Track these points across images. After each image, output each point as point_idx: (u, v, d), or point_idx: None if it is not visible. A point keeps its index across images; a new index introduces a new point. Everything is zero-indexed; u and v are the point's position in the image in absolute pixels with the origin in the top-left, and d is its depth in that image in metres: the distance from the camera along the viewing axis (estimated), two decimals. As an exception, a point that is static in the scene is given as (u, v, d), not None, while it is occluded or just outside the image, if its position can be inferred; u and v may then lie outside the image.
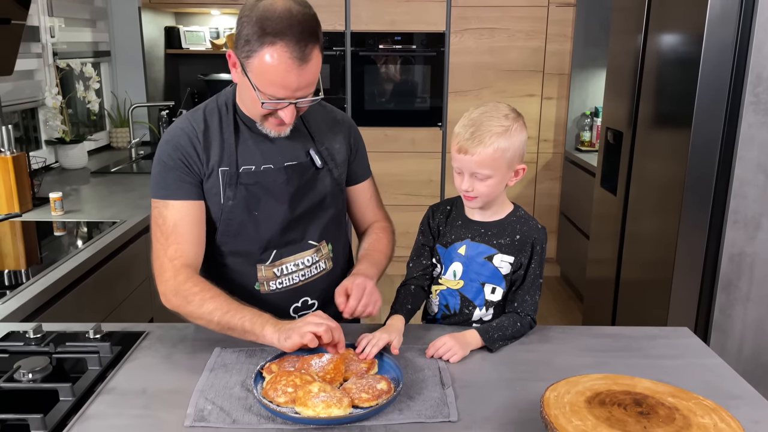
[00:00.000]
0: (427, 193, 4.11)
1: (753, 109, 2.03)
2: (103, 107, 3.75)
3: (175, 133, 1.37)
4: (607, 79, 2.93)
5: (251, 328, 1.23)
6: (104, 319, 2.00)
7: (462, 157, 1.31)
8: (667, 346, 1.36)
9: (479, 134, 1.29)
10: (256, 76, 1.24)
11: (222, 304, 1.26)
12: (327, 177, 1.45)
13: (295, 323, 1.19)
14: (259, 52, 1.21)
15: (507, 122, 1.31)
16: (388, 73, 4.03)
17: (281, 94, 1.24)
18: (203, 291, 1.27)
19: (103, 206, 2.50)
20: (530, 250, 1.38)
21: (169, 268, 1.32)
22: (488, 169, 1.31)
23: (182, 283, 1.29)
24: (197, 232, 1.35)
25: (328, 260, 1.47)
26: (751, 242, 2.13)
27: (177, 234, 1.33)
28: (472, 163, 1.30)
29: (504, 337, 1.33)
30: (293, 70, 1.22)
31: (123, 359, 1.26)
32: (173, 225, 1.33)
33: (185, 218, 1.33)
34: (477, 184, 1.33)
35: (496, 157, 1.29)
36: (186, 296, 1.28)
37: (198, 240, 1.35)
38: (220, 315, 1.25)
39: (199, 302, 1.26)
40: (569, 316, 3.68)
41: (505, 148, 1.30)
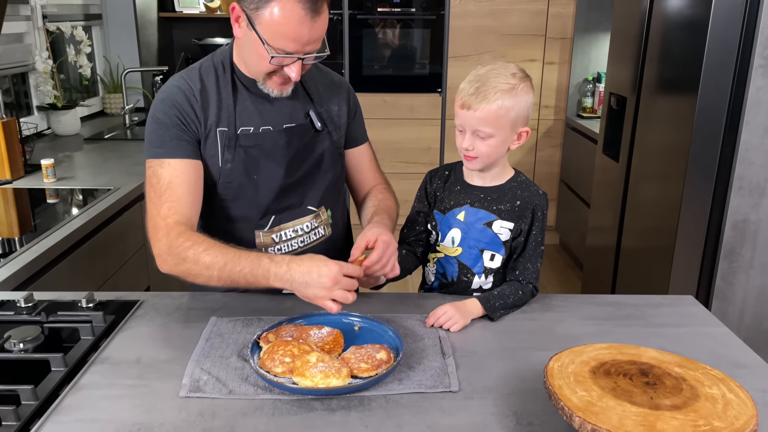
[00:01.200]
0: (426, 160, 4.06)
1: (762, 72, 1.98)
2: (96, 72, 3.67)
3: (171, 91, 1.32)
4: (611, 43, 2.86)
5: (255, 280, 1.19)
6: (99, 288, 1.97)
7: (464, 113, 1.27)
8: (671, 314, 1.33)
9: (484, 90, 1.25)
10: (265, 29, 1.20)
11: (217, 257, 1.20)
12: (326, 139, 1.42)
13: (317, 271, 1.14)
14: (270, 3, 1.17)
15: (514, 80, 1.28)
16: (387, 37, 3.94)
17: (291, 48, 1.21)
18: (196, 245, 1.22)
19: (96, 173, 2.45)
20: (531, 216, 1.35)
21: (162, 227, 1.27)
22: (491, 127, 1.27)
23: (174, 239, 1.24)
24: (193, 191, 1.30)
25: (327, 226, 1.44)
26: (756, 209, 2.10)
27: (171, 192, 1.28)
28: (474, 119, 1.26)
29: (505, 306, 1.31)
30: (306, 22, 1.18)
31: (117, 329, 1.23)
32: (168, 183, 1.28)
33: (181, 176, 1.29)
34: (478, 143, 1.29)
35: (499, 114, 1.26)
36: (179, 253, 1.23)
37: (194, 200, 1.30)
38: (218, 270, 1.20)
39: (194, 258, 1.21)
40: (568, 285, 3.67)
41: (510, 106, 1.26)
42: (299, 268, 1.16)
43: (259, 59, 1.25)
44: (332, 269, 1.14)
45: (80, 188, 2.23)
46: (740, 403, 0.88)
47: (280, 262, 1.18)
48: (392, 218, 1.43)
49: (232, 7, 1.26)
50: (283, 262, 1.17)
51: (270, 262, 1.18)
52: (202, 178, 1.32)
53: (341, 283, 1.14)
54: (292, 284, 1.17)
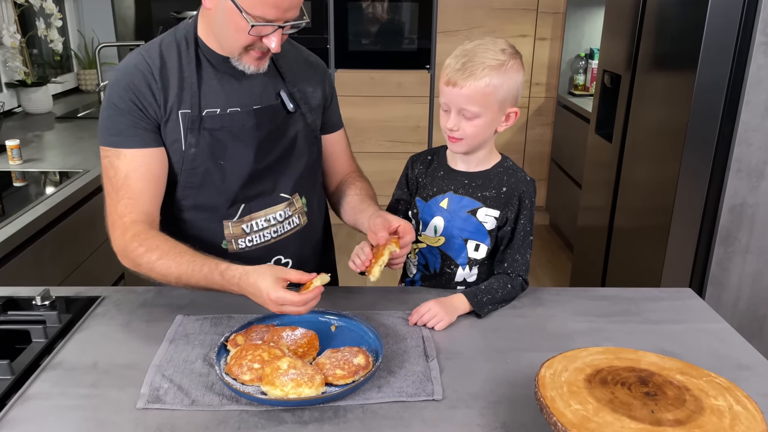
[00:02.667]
0: (414, 139, 3.95)
1: (764, 50, 1.88)
2: (69, 47, 3.51)
3: (127, 71, 1.20)
4: (606, 18, 2.75)
5: (211, 289, 1.12)
6: (67, 277, 1.87)
7: (450, 90, 1.19)
8: (669, 309, 1.26)
9: (471, 65, 1.16)
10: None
11: (171, 269, 1.13)
12: (300, 122, 1.31)
13: (264, 295, 1.05)
14: None
15: (503, 57, 1.18)
16: (373, 11, 3.79)
17: (272, 15, 1.11)
18: (149, 251, 1.14)
19: (67, 153, 2.33)
20: (518, 204, 1.26)
21: (119, 226, 1.18)
22: (477, 106, 1.18)
23: (129, 242, 1.16)
24: (153, 185, 1.20)
25: (302, 215, 1.34)
26: (754, 192, 2.02)
27: (128, 187, 1.19)
28: (460, 97, 1.18)
29: (494, 301, 1.22)
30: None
31: (73, 329, 1.14)
32: (124, 177, 1.19)
33: (139, 169, 1.19)
34: (463, 124, 1.20)
35: (486, 92, 1.17)
36: (133, 259, 1.16)
37: (153, 194, 1.21)
38: (175, 280, 1.13)
39: (147, 266, 1.14)
40: (558, 266, 3.61)
41: (498, 84, 1.17)
42: (248, 288, 1.07)
43: (236, 30, 1.14)
44: (277, 296, 1.03)
45: (48, 170, 2.11)
46: (749, 416, 0.81)
47: (231, 279, 1.09)
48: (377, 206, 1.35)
49: None
50: (234, 279, 1.09)
51: (222, 280, 1.10)
52: (164, 167, 1.22)
53: (287, 309, 1.05)
54: (241, 288, 1.09)
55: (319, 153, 1.39)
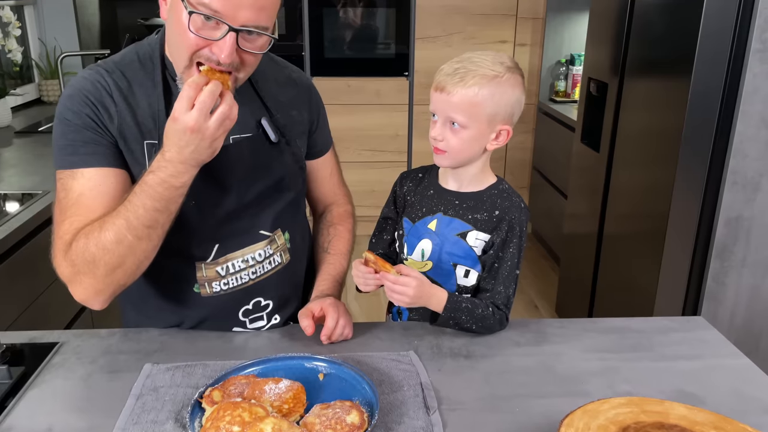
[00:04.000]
0: (393, 148, 3.85)
1: (759, 58, 1.81)
2: (30, 57, 3.33)
3: (82, 86, 1.05)
4: (590, 24, 2.68)
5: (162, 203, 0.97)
6: (22, 313, 1.72)
7: (438, 95, 1.11)
8: (683, 342, 1.16)
9: (463, 71, 1.09)
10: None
11: (115, 223, 0.98)
12: (284, 153, 1.18)
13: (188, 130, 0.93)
14: None
15: (499, 69, 1.10)
16: (350, 17, 3.68)
17: (218, 6, 0.93)
18: (89, 233, 0.99)
19: (26, 173, 2.17)
20: (506, 229, 1.16)
21: (59, 248, 1.02)
22: (464, 116, 1.10)
23: (71, 251, 1.00)
24: (108, 208, 1.02)
25: (285, 252, 1.21)
26: (750, 205, 1.95)
27: (78, 205, 1.02)
28: (448, 104, 1.10)
29: (469, 315, 1.12)
30: None
31: (25, 385, 1.00)
32: (77, 196, 1.03)
33: (96, 188, 1.03)
34: (448, 134, 1.12)
35: (475, 102, 1.09)
36: (84, 259, 0.99)
37: None
38: (129, 232, 0.97)
39: (99, 247, 0.98)
40: (543, 277, 3.53)
41: (488, 95, 1.09)
42: (176, 145, 0.94)
43: (180, 32, 0.97)
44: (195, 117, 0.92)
45: (6, 192, 1.95)
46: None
47: (160, 162, 0.96)
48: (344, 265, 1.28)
49: None
50: (163, 161, 0.96)
51: (157, 177, 0.96)
52: (126, 189, 1.05)
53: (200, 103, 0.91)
54: (180, 161, 0.95)
55: (304, 183, 1.27)
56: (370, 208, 1.27)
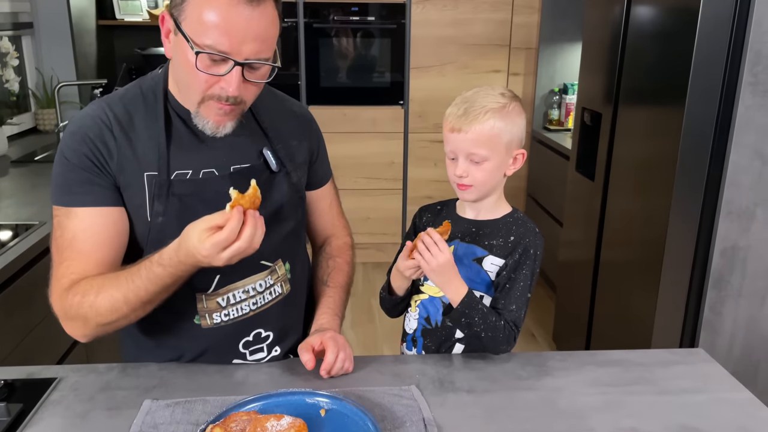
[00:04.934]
0: (389, 176, 3.87)
1: (751, 90, 1.85)
2: (27, 86, 3.34)
3: (83, 123, 1.08)
4: (583, 54, 2.72)
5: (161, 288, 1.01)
6: (19, 344, 1.70)
7: (455, 137, 1.17)
8: (685, 375, 1.16)
9: (473, 110, 1.16)
10: (191, 25, 0.98)
11: (113, 294, 1.02)
12: (284, 182, 1.19)
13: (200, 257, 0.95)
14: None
15: (503, 100, 1.17)
16: (345, 46, 3.73)
17: (223, 44, 0.97)
18: (86, 294, 1.02)
19: (21, 203, 2.16)
20: (521, 251, 1.20)
21: (56, 291, 1.06)
22: (485, 149, 1.16)
23: (66, 301, 1.04)
24: (104, 248, 1.07)
25: (285, 282, 1.21)
26: (745, 235, 1.97)
27: (73, 248, 1.06)
28: (467, 142, 1.16)
29: (482, 319, 1.14)
30: (238, 5, 0.96)
31: (23, 423, 0.99)
32: (71, 238, 1.06)
33: (89, 230, 1.06)
34: (472, 169, 1.18)
35: (492, 134, 1.15)
36: (77, 315, 1.04)
37: (102, 258, 1.07)
38: (125, 305, 1.02)
39: (93, 310, 1.02)
40: (539, 303, 3.53)
41: (502, 126, 1.16)
42: (188, 258, 0.97)
43: (188, 72, 1.01)
44: (210, 247, 0.93)
45: (1, 223, 1.94)
46: None
47: (170, 261, 0.99)
48: (344, 298, 1.29)
49: (161, 16, 1.04)
50: (173, 260, 0.98)
51: (164, 269, 1.00)
52: (120, 230, 1.08)
53: (232, 254, 0.94)
54: (189, 264, 0.98)
55: (304, 213, 1.28)
56: (366, 236, 1.28)
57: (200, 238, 0.93)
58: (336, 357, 1.10)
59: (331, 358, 1.09)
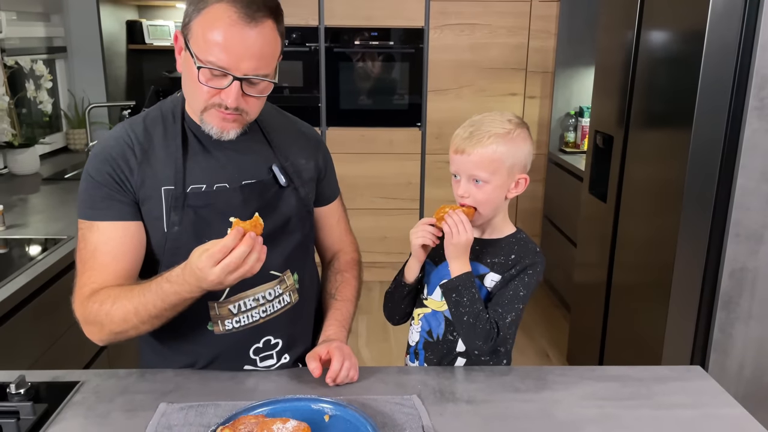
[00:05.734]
0: (405, 196, 3.93)
1: (757, 115, 1.88)
2: (59, 107, 3.49)
3: (107, 144, 1.18)
4: (596, 78, 2.77)
5: (170, 304, 1.08)
6: (46, 351, 1.78)
7: (459, 158, 1.22)
8: (681, 391, 1.19)
9: (478, 134, 1.21)
10: (195, 40, 1.08)
11: (126, 305, 1.10)
12: (292, 196, 1.27)
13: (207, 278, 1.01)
14: (203, 11, 1.06)
15: (509, 126, 1.22)
16: (364, 70, 3.83)
17: (223, 60, 1.06)
18: (103, 303, 1.11)
19: (52, 218, 2.27)
20: (519, 269, 1.24)
21: (78, 298, 1.15)
22: (486, 172, 1.20)
23: (86, 308, 1.13)
24: (122, 260, 1.16)
25: (293, 292, 1.28)
26: (754, 257, 1.99)
27: (94, 260, 1.15)
28: (469, 164, 1.21)
29: (470, 301, 1.19)
30: (238, 27, 1.05)
31: (48, 422, 1.06)
32: (92, 250, 1.15)
33: (109, 242, 1.15)
34: (473, 190, 1.22)
35: (494, 158, 1.20)
36: (94, 320, 1.13)
37: (121, 269, 1.16)
38: (135, 317, 1.10)
39: (108, 319, 1.11)
40: (554, 324, 3.54)
41: (505, 151, 1.21)
42: (194, 279, 1.04)
43: (193, 84, 1.10)
44: (217, 273, 1.00)
45: (31, 237, 2.04)
46: None
47: (177, 279, 1.06)
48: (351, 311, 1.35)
49: (174, 34, 1.14)
50: (180, 278, 1.05)
51: (172, 287, 1.07)
52: (137, 243, 1.18)
53: (236, 274, 1.01)
54: (193, 284, 1.04)
55: (311, 227, 1.35)
56: (382, 255, 1.34)
57: (209, 263, 0.99)
58: (341, 365, 1.15)
59: (336, 367, 1.15)
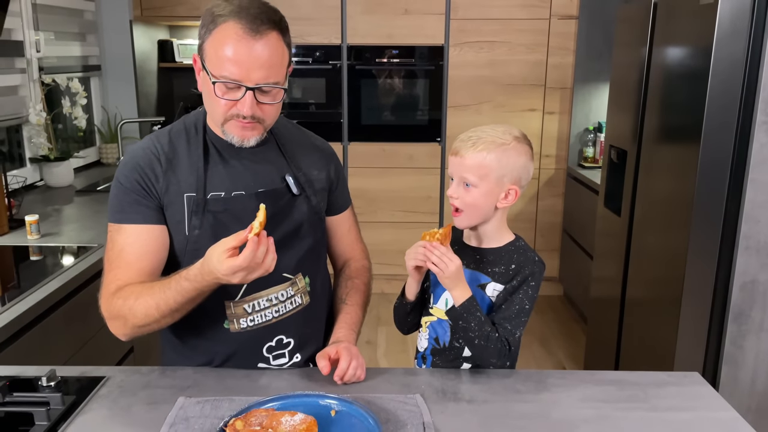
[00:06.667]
0: (425, 209, 4.00)
1: (765, 129, 1.91)
2: (93, 122, 3.65)
3: (136, 154, 1.29)
4: (611, 94, 2.82)
5: (189, 299, 1.17)
6: (76, 353, 1.88)
7: (453, 159, 1.29)
8: (677, 395, 1.23)
9: (475, 139, 1.27)
10: (209, 58, 1.19)
11: (148, 301, 1.18)
12: (304, 204, 1.35)
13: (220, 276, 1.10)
14: (213, 32, 1.17)
15: (507, 138, 1.27)
16: (386, 87, 3.92)
17: (234, 72, 1.16)
18: (127, 298, 1.20)
19: (84, 228, 2.39)
20: (520, 279, 1.28)
21: (103, 296, 1.24)
22: (474, 176, 1.26)
23: (111, 304, 1.22)
24: (146, 260, 1.25)
25: (305, 294, 1.36)
26: (765, 269, 2.00)
27: (120, 260, 1.24)
28: (461, 166, 1.27)
29: (478, 325, 1.22)
30: (245, 41, 1.15)
31: (75, 411, 1.14)
32: (119, 251, 1.25)
33: (134, 244, 1.24)
34: (462, 192, 1.28)
35: (483, 164, 1.25)
36: (117, 315, 1.21)
37: (145, 266, 1.25)
38: (156, 311, 1.18)
39: (131, 313, 1.20)
40: (572, 338, 3.55)
41: (495, 159, 1.25)
42: (210, 276, 1.12)
43: (212, 99, 1.20)
44: (228, 269, 1.08)
45: (64, 245, 2.16)
46: None
47: (195, 277, 1.14)
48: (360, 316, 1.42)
49: (193, 57, 1.24)
50: (199, 276, 1.14)
51: (190, 284, 1.15)
52: (161, 244, 1.27)
53: (247, 275, 1.09)
54: (212, 282, 1.13)
55: (323, 234, 1.43)
56: (402, 267, 1.39)
57: (219, 260, 1.08)
58: (349, 364, 1.22)
59: (344, 365, 1.22)
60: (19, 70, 2.92)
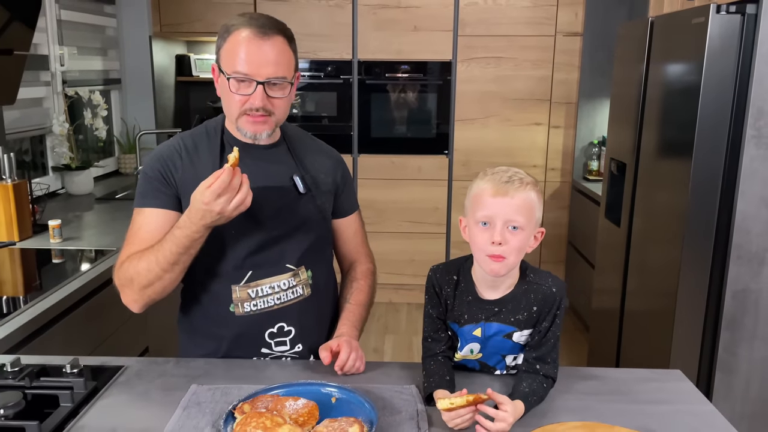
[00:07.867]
0: (432, 220, 4.09)
1: (755, 143, 1.99)
2: (112, 134, 3.79)
3: (161, 148, 1.44)
4: (611, 109, 2.91)
5: (183, 248, 1.28)
6: (95, 350, 1.99)
7: (498, 201, 1.17)
8: (658, 390, 1.31)
9: (517, 178, 1.19)
10: (226, 63, 1.34)
11: (149, 256, 1.30)
12: (310, 203, 1.46)
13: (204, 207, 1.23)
14: (227, 39, 1.33)
15: (531, 178, 1.23)
16: (395, 101, 4.03)
17: (246, 68, 1.31)
18: (131, 260, 1.33)
19: (103, 233, 2.50)
20: (551, 318, 1.27)
21: (116, 267, 1.37)
22: (524, 218, 1.18)
23: (119, 272, 1.35)
24: (156, 238, 1.35)
25: (306, 286, 1.46)
26: (756, 278, 2.07)
27: (135, 236, 1.37)
28: (510, 207, 1.17)
29: (539, 400, 1.23)
30: (254, 42, 1.31)
31: (97, 396, 1.24)
32: (137, 229, 1.38)
33: (150, 224, 1.37)
34: (508, 236, 1.18)
35: (531, 206, 1.19)
36: (126, 278, 1.34)
37: None
38: (157, 265, 1.29)
39: (135, 272, 1.31)
40: (575, 349, 3.61)
41: (537, 200, 1.21)
42: (197, 214, 1.24)
43: (227, 95, 1.35)
44: (207, 197, 1.21)
45: (85, 248, 2.27)
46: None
47: (184, 223, 1.27)
48: (363, 315, 1.52)
49: (212, 67, 1.39)
50: (187, 221, 1.27)
51: (182, 231, 1.27)
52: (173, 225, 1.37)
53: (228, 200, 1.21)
54: (198, 223, 1.25)
55: (328, 232, 1.53)
56: (410, 277, 1.48)
57: (200, 191, 1.22)
58: (348, 356, 1.31)
59: (344, 357, 1.31)
60: (43, 83, 3.06)
